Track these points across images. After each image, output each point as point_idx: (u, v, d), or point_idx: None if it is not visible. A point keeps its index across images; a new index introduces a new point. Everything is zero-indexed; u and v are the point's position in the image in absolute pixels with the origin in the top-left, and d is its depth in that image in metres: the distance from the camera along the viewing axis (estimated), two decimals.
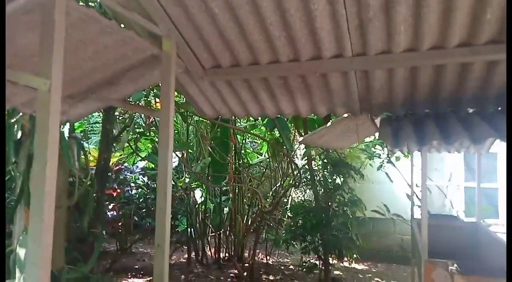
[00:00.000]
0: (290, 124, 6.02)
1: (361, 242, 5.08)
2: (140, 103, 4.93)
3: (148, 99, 5.02)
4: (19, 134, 3.04)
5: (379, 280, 6.39)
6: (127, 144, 5.52)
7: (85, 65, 2.03)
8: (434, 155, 7.42)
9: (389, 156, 6.32)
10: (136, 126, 5.59)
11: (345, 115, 3.01)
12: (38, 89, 1.27)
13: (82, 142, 3.91)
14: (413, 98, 2.59)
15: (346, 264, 6.78)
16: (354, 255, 5.05)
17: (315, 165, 5.49)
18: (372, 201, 6.38)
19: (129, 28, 2.03)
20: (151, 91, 4.83)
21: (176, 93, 5.00)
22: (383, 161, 6.47)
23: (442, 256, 2.97)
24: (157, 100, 5.05)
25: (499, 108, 2.59)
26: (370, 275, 6.67)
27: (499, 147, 6.99)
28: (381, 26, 2.01)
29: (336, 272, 6.32)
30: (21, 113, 2.93)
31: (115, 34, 1.81)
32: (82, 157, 3.92)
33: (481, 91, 2.42)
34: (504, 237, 4.37)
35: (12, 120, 3.00)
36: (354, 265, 7.01)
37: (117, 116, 5.42)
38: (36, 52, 1.69)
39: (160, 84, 3.97)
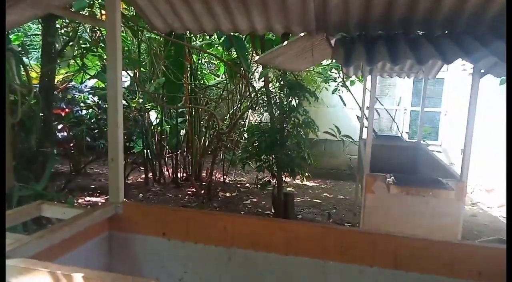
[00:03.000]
0: (247, 45, 5.87)
1: (313, 161, 5.41)
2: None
3: (93, 10, 4.57)
4: None
5: (327, 195, 7.00)
6: (73, 60, 5.14)
7: None
8: (387, 81, 7.71)
9: (344, 80, 6.47)
10: (81, 41, 5.16)
11: (302, 34, 2.97)
12: None
13: (21, 55, 3.59)
14: (367, 19, 2.58)
15: (298, 181, 7.30)
16: (306, 173, 5.40)
17: (272, 87, 5.52)
18: (326, 123, 6.67)
19: None
20: (95, 1, 4.39)
21: (124, 5, 4.59)
22: (338, 84, 6.63)
23: (385, 171, 3.27)
24: (104, 12, 4.62)
25: (446, 31, 2.67)
26: (319, 191, 7.26)
27: (447, 73, 7.37)
28: None
29: (289, 189, 6.79)
30: None
31: None
32: (23, 72, 3.64)
33: (430, 14, 2.46)
34: (439, 156, 4.85)
35: None
36: (305, 182, 7.56)
37: (59, 29, 4.95)
38: None
39: None
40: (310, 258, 1.87)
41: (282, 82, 5.07)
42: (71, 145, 6.72)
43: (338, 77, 6.54)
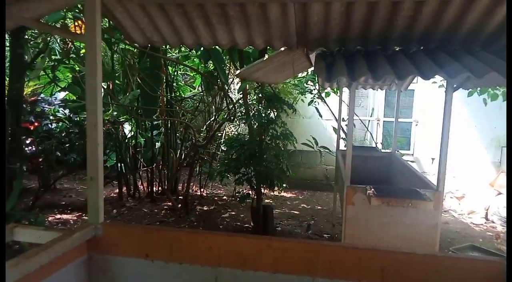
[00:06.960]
0: (225, 57, 5.86)
1: (290, 173, 5.42)
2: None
3: (65, 21, 4.43)
4: None
5: (305, 205, 7.02)
6: (43, 72, 4.95)
7: None
8: (359, 92, 7.90)
9: (320, 91, 6.57)
10: (52, 52, 4.98)
11: (282, 49, 2.99)
12: None
13: None
14: (347, 35, 2.63)
15: (276, 193, 7.29)
16: (284, 185, 5.40)
17: (249, 99, 5.52)
18: (302, 134, 6.73)
19: None
20: (68, 13, 4.26)
21: None
22: (314, 96, 6.72)
23: (362, 182, 3.31)
24: (77, 23, 4.50)
25: (421, 47, 2.77)
26: (297, 202, 7.27)
27: (416, 84, 7.64)
28: None
29: (267, 201, 6.76)
30: None
31: None
32: None
33: (407, 30, 2.54)
34: (413, 166, 4.98)
35: None
36: (283, 193, 7.56)
37: (28, 41, 4.77)
38: None
39: (80, 5, 3.51)
40: (298, 275, 1.85)
41: (260, 95, 5.08)
42: (40, 160, 6.42)
43: (314, 89, 6.63)
